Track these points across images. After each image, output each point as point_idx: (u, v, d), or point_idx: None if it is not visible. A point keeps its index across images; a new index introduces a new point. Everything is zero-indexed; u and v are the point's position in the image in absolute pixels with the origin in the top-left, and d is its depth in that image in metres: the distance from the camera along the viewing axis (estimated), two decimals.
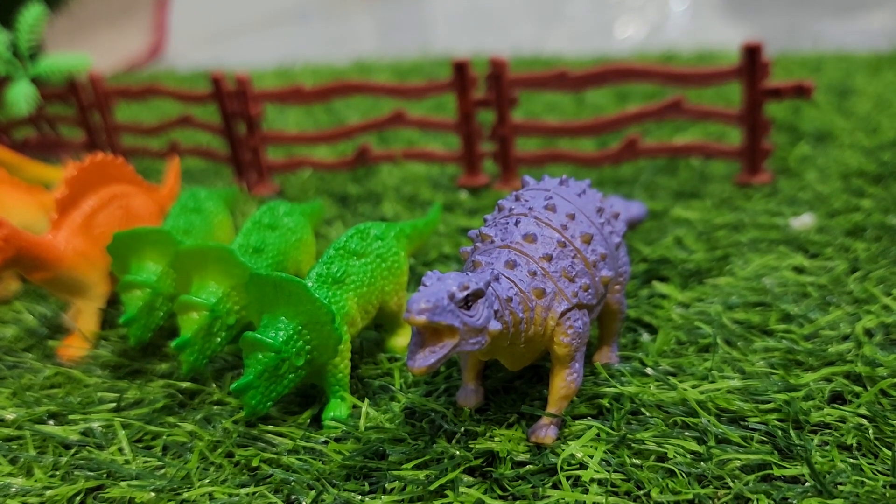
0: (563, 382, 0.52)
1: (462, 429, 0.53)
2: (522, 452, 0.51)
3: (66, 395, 0.62)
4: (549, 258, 0.51)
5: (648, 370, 0.56)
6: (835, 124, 0.95)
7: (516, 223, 0.52)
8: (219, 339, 0.59)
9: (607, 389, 0.55)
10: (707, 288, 0.66)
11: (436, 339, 0.44)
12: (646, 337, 0.62)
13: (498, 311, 0.47)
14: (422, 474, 0.50)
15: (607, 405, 0.54)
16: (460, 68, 0.88)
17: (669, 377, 0.55)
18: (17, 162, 0.94)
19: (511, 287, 0.49)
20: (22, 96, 1.05)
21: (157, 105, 1.44)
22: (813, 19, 1.74)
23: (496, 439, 0.52)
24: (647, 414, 0.53)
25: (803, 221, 0.73)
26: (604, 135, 0.89)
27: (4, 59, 1.08)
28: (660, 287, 0.67)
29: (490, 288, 0.46)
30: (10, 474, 0.55)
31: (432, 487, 0.47)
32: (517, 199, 0.55)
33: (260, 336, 0.52)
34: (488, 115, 0.91)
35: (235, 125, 0.97)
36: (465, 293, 0.44)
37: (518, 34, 2.03)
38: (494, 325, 0.46)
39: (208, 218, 0.72)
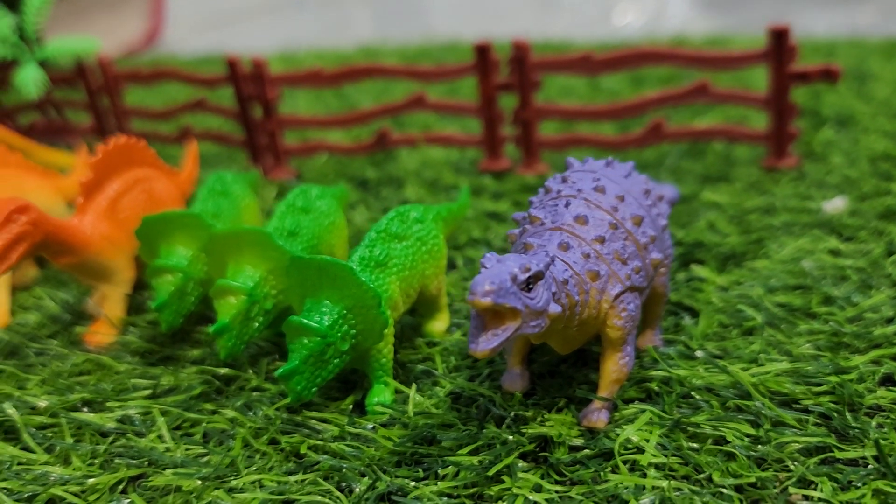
0: (616, 366, 0.51)
1: (512, 414, 0.52)
2: (575, 437, 0.50)
3: (97, 383, 0.61)
4: (602, 240, 0.50)
5: (698, 353, 0.56)
6: (855, 109, 0.95)
7: (566, 205, 0.52)
8: (256, 325, 0.58)
9: (655, 373, 0.55)
10: (744, 271, 0.66)
11: (497, 321, 0.44)
12: (687, 320, 0.61)
13: (555, 293, 0.46)
14: (475, 460, 0.49)
15: (656, 389, 0.54)
16: (482, 51, 0.87)
17: (718, 360, 0.55)
18: (26, 147, 0.92)
19: (566, 269, 0.48)
20: (31, 80, 1.03)
21: (161, 90, 1.42)
22: (808, 7, 1.74)
23: (548, 424, 0.51)
24: (698, 397, 0.52)
25: (835, 205, 0.73)
26: (628, 118, 0.88)
27: (11, 43, 1.05)
28: (698, 270, 0.66)
29: (548, 270, 0.46)
30: (46, 463, 0.54)
31: (490, 473, 0.47)
32: (564, 180, 0.54)
33: (305, 320, 0.51)
34: (508, 100, 0.90)
35: (251, 109, 0.95)
36: (527, 275, 0.44)
37: (515, 21, 2.02)
38: (554, 308, 0.45)
39: (236, 201, 0.70)
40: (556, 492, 0.46)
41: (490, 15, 2.30)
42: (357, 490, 0.48)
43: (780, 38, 0.78)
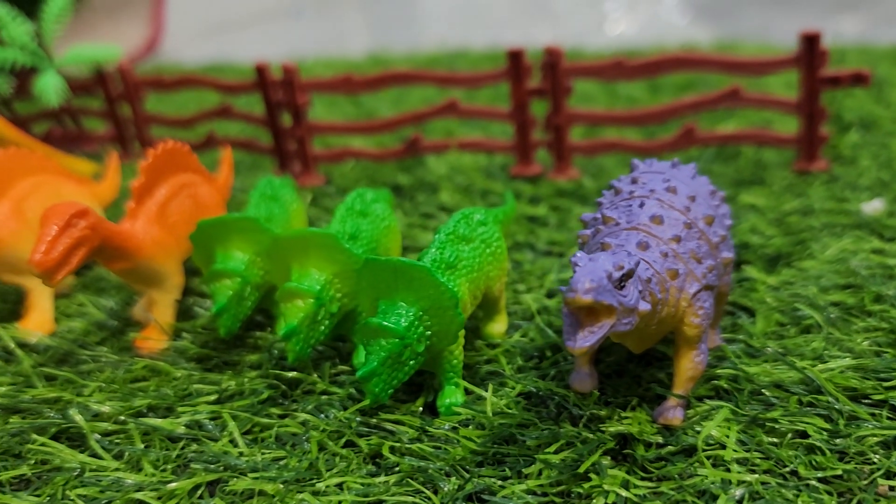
0: (691, 364, 0.52)
1: (587, 413, 0.53)
2: (652, 434, 0.51)
3: (158, 388, 0.61)
4: (678, 239, 0.51)
5: (769, 349, 0.57)
6: (876, 113, 0.97)
7: (640, 205, 0.52)
8: (322, 328, 0.58)
9: (722, 371, 0.56)
10: (794, 271, 0.67)
11: (593, 319, 0.44)
12: (744, 319, 0.62)
13: (641, 291, 0.46)
14: (558, 458, 0.49)
15: (725, 386, 0.55)
16: (515, 57, 0.88)
17: (786, 357, 0.56)
18: (48, 154, 0.91)
19: (647, 268, 0.48)
20: (51, 87, 1.02)
21: (170, 98, 1.41)
22: (805, 17, 1.77)
23: (625, 422, 0.52)
24: (768, 394, 0.53)
25: (874, 206, 0.74)
26: (660, 123, 0.89)
27: (30, 50, 1.04)
28: (749, 271, 0.67)
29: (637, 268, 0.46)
30: (117, 469, 0.53)
31: (581, 469, 0.47)
32: (634, 181, 0.55)
33: (384, 322, 0.51)
34: (537, 106, 0.91)
35: (279, 115, 0.95)
36: (621, 273, 0.44)
37: (509, 29, 2.03)
38: (643, 306, 0.46)
39: (285, 206, 0.70)
40: (646, 487, 0.47)
41: (484, 23, 2.32)
42: (445, 489, 0.48)
43: (811, 44, 0.80)
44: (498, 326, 0.63)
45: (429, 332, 0.53)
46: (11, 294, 0.79)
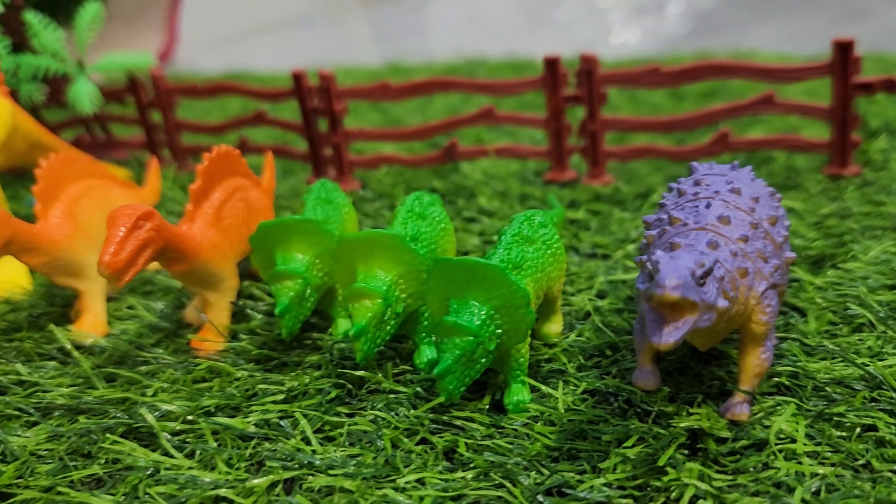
0: (758, 360, 0.53)
1: (655, 409, 0.54)
2: (721, 429, 0.52)
3: (222, 388, 0.61)
4: (746, 239, 0.52)
5: (828, 345, 0.58)
6: None
7: (707, 206, 0.53)
8: (388, 328, 0.59)
9: (782, 368, 0.57)
10: (839, 272, 0.68)
11: (676, 315, 0.45)
12: (796, 319, 0.63)
13: (718, 288, 0.48)
14: (632, 452, 0.50)
15: (786, 383, 0.56)
16: (551, 64, 0.89)
17: (845, 354, 0.57)
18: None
19: (720, 267, 0.50)
20: (85, 95, 1.02)
21: (192, 106, 1.42)
22: (809, 27, 1.80)
23: (693, 417, 0.53)
24: (830, 390, 0.55)
25: None
26: (695, 129, 0.91)
27: (62, 58, 1.05)
28: (796, 272, 0.69)
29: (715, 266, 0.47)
30: (190, 468, 0.54)
31: (660, 462, 0.48)
32: (697, 183, 0.56)
33: (459, 320, 0.52)
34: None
35: (315, 122, 0.96)
36: (702, 270, 0.45)
37: (514, 39, 2.05)
38: (722, 302, 0.47)
39: (339, 208, 0.71)
40: (723, 480, 0.48)
41: (488, 33, 2.34)
42: (525, 483, 0.49)
43: (844, 51, 0.82)
44: (554, 327, 0.64)
45: (499, 331, 0.54)
46: (59, 298, 0.79)
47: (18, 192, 1.06)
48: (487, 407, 0.57)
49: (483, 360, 0.54)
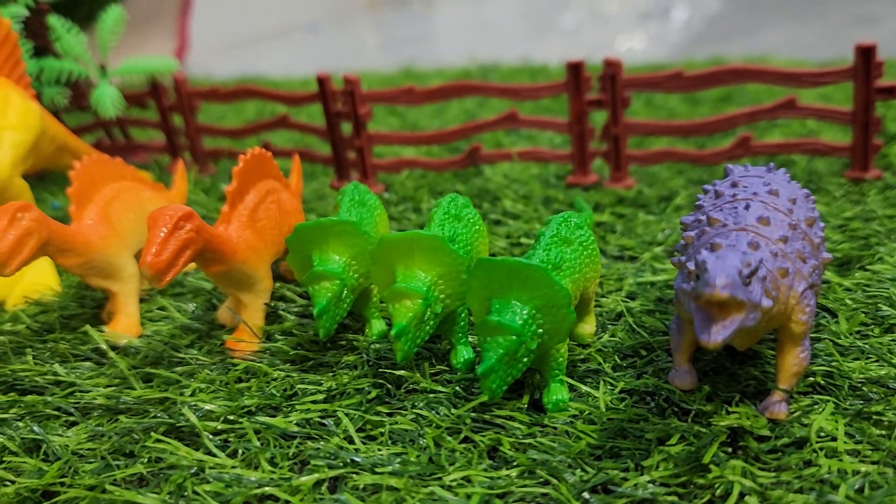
0: (796, 359, 0.54)
1: (694, 408, 0.54)
2: (760, 428, 0.53)
3: (260, 388, 0.62)
4: (785, 240, 0.53)
5: (861, 345, 0.59)
6: None
7: (746, 207, 0.54)
8: (427, 328, 0.59)
9: (817, 368, 0.58)
10: (867, 274, 0.69)
11: (723, 314, 0.46)
12: (827, 320, 0.64)
13: (762, 288, 0.48)
14: (673, 451, 0.51)
15: (822, 382, 0.56)
16: (575, 69, 0.90)
17: (880, 354, 0.58)
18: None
19: (762, 267, 0.50)
20: (108, 98, 1.03)
21: (207, 110, 1.43)
22: (824, 30, 1.81)
23: (733, 416, 0.54)
24: (865, 389, 0.55)
25: None
26: (717, 134, 0.92)
27: (85, 61, 1.06)
28: (823, 273, 0.69)
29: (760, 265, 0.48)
30: (233, 467, 0.54)
31: (705, 460, 0.49)
32: (735, 185, 0.57)
33: (503, 319, 0.53)
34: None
35: (339, 125, 0.97)
36: (749, 270, 0.46)
37: (521, 45, 2.06)
38: (767, 302, 0.48)
39: (371, 211, 0.72)
40: (766, 477, 0.48)
41: (494, 39, 2.35)
42: (571, 480, 0.49)
43: (866, 55, 0.83)
44: (588, 327, 0.65)
45: (541, 330, 0.55)
46: (88, 299, 0.80)
47: (41, 194, 1.06)
48: (526, 406, 0.57)
49: (525, 360, 0.54)
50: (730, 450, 0.51)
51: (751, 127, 1.07)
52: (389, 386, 0.60)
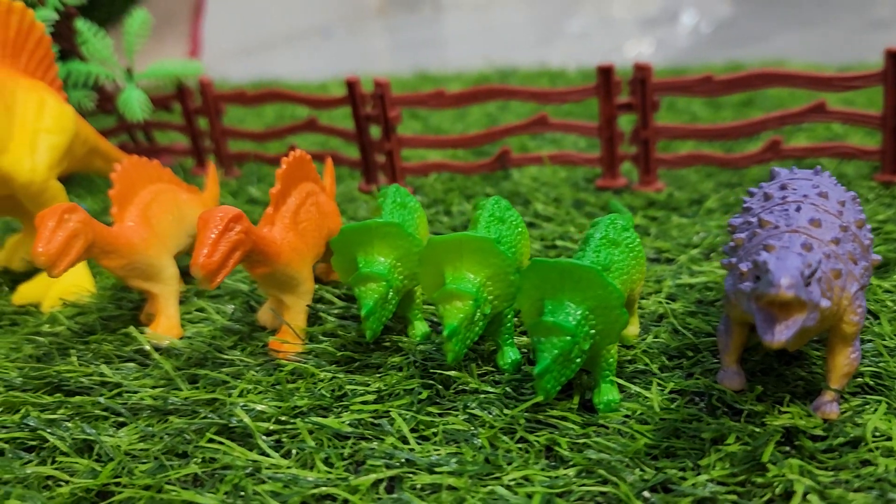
0: (847, 360, 0.54)
1: (746, 408, 0.55)
2: (813, 427, 0.53)
3: (309, 389, 0.62)
4: (837, 241, 0.53)
5: None
6: None
7: (797, 209, 0.55)
8: (477, 329, 0.60)
9: (864, 368, 0.58)
10: None
11: (785, 314, 0.46)
12: (870, 321, 0.64)
13: (820, 289, 0.49)
14: (729, 450, 0.51)
15: (870, 383, 0.57)
16: (605, 73, 0.91)
17: None
18: None
19: (818, 268, 0.51)
20: (135, 102, 1.03)
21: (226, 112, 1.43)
22: (838, 35, 1.82)
23: (786, 416, 0.54)
24: None
25: None
26: (746, 137, 0.92)
27: (111, 65, 1.06)
28: None
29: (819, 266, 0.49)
30: (288, 467, 0.54)
31: (764, 459, 0.49)
32: (784, 187, 0.58)
33: (558, 320, 0.53)
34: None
35: (368, 128, 0.97)
36: (810, 270, 0.47)
37: (530, 50, 2.07)
38: (825, 303, 0.48)
39: (412, 213, 0.72)
40: (825, 476, 0.49)
41: (504, 45, 2.36)
42: (630, 479, 0.50)
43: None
44: (632, 329, 0.65)
45: (593, 331, 0.55)
46: (125, 301, 0.80)
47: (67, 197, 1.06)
48: (577, 407, 0.58)
49: (578, 360, 0.55)
50: (786, 449, 0.52)
51: (777, 131, 1.08)
52: (439, 386, 0.61)
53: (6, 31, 0.82)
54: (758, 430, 0.53)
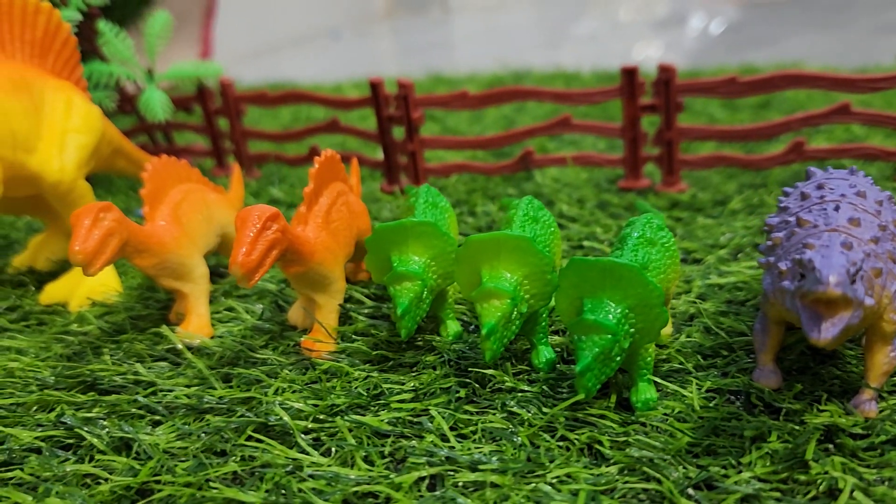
0: (886, 358, 0.54)
1: (784, 406, 0.55)
2: (852, 426, 0.53)
3: (345, 388, 0.62)
4: (876, 240, 0.53)
5: None
6: None
7: (836, 208, 0.55)
8: (514, 327, 0.60)
9: None
10: None
11: (831, 311, 0.47)
12: None
13: (863, 287, 0.49)
14: (770, 448, 0.51)
15: None
16: (629, 74, 0.91)
17: None
18: None
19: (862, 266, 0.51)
20: (157, 103, 1.04)
21: None
22: (849, 38, 1.83)
23: (824, 414, 0.54)
24: None
25: None
26: (769, 139, 0.93)
27: (133, 65, 1.06)
28: None
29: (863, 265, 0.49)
30: (329, 465, 0.55)
31: (808, 456, 0.49)
32: (821, 187, 0.58)
33: (599, 318, 0.53)
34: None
35: (391, 129, 0.98)
36: (855, 269, 0.47)
37: (538, 54, 2.08)
38: (869, 300, 0.48)
39: (443, 213, 0.72)
40: (869, 474, 0.49)
41: (512, 47, 2.37)
42: (673, 477, 0.50)
43: None
44: (666, 328, 0.65)
45: (633, 330, 0.55)
46: (152, 301, 0.80)
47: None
48: (614, 405, 0.58)
49: (618, 359, 0.55)
50: (827, 447, 0.52)
51: (797, 133, 1.08)
52: (475, 385, 0.61)
53: (34, 32, 0.82)
54: (797, 427, 0.53)
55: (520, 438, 0.55)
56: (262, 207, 0.61)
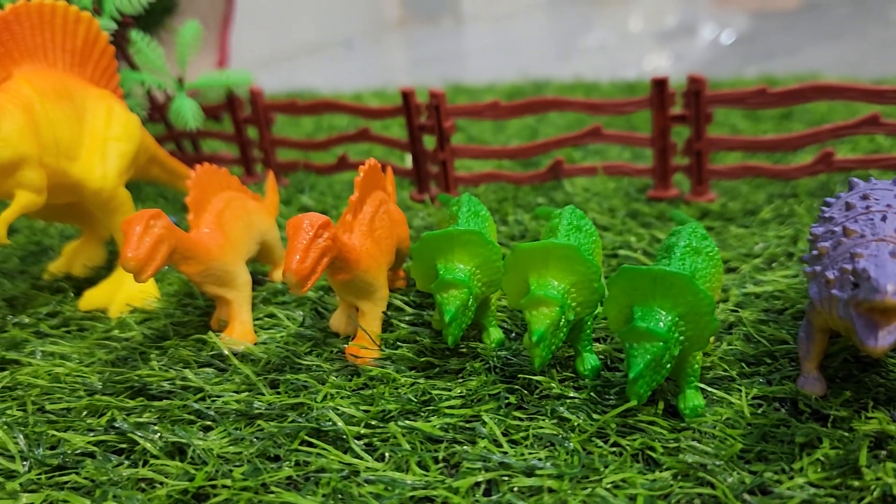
0: None
1: (832, 413, 0.56)
2: None
3: (393, 394, 0.63)
4: None
5: None
6: None
7: (883, 218, 0.56)
8: (561, 335, 0.61)
9: None
10: None
11: (886, 320, 0.47)
12: None
13: None
14: (821, 454, 0.52)
15: None
16: (659, 85, 0.92)
17: None
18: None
19: None
20: (188, 111, 1.05)
21: None
22: (858, 49, 1.84)
23: (872, 421, 0.55)
24: None
25: None
26: (799, 149, 0.94)
27: (163, 73, 1.07)
28: None
29: None
30: (384, 470, 0.55)
31: (861, 462, 0.50)
32: (865, 197, 0.59)
33: (651, 326, 0.54)
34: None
35: (422, 138, 0.99)
36: None
37: (551, 64, 2.09)
38: None
39: (485, 221, 0.73)
40: None
41: (523, 59, 2.38)
42: (728, 482, 0.51)
43: None
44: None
45: (682, 338, 0.56)
46: (192, 308, 0.81)
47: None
48: (661, 412, 0.59)
49: (668, 366, 0.56)
50: (880, 453, 0.53)
51: (822, 144, 1.09)
52: (524, 391, 0.62)
53: (74, 40, 0.83)
54: (846, 434, 0.54)
55: (572, 444, 0.55)
56: (314, 216, 0.62)
